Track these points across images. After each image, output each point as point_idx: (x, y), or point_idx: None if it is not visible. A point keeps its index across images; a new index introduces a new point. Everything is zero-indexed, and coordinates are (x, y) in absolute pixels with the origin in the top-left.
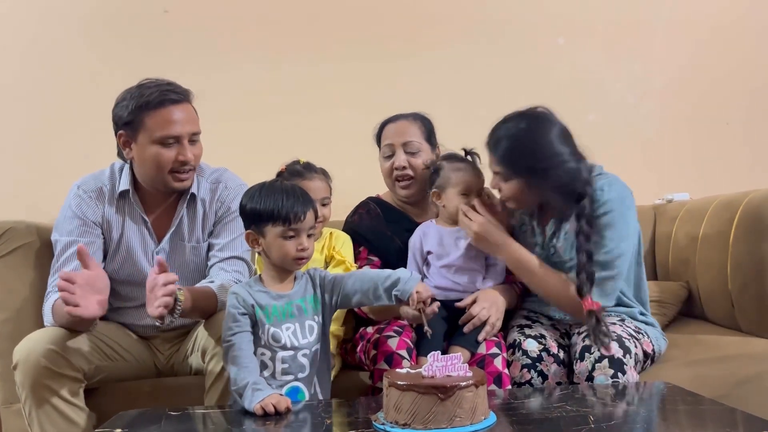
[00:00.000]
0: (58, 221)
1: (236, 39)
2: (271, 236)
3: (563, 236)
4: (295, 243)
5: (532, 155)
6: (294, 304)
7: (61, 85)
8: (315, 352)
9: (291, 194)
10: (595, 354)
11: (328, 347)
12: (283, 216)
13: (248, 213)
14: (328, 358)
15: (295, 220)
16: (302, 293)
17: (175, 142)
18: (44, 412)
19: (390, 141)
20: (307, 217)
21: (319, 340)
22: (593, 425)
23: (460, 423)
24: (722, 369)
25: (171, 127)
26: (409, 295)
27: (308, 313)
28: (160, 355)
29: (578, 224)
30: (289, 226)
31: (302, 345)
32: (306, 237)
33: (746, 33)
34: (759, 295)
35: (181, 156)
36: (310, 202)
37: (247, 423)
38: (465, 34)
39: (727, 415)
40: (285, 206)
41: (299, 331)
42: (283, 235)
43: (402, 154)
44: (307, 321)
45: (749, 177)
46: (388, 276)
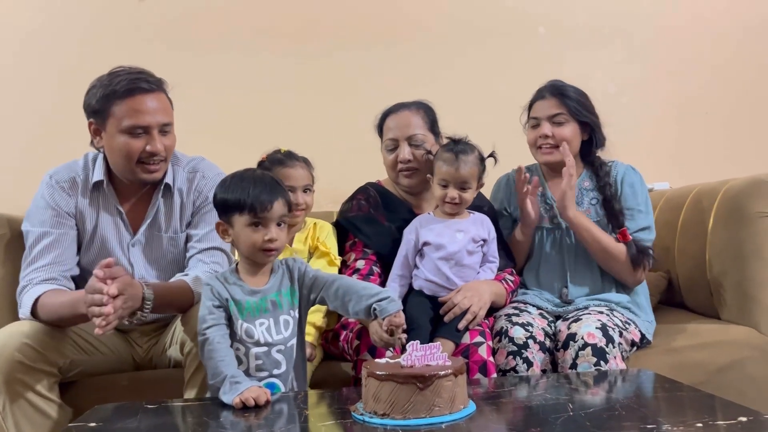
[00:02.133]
0: (30, 211)
1: (215, 28)
2: (238, 226)
3: (587, 202)
4: (262, 233)
5: (591, 107)
6: (268, 299)
7: (31, 75)
8: (291, 348)
9: (259, 183)
10: (579, 342)
11: (304, 341)
12: (249, 205)
13: (218, 203)
14: (303, 352)
15: (261, 209)
16: (278, 287)
17: (143, 132)
18: (18, 406)
19: (393, 135)
20: (274, 206)
21: (295, 335)
22: (572, 413)
23: (439, 412)
24: (701, 356)
25: (139, 117)
26: (386, 315)
27: (283, 307)
28: (138, 348)
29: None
30: (256, 215)
31: (276, 341)
32: (275, 227)
33: (726, 24)
34: (737, 282)
35: (150, 146)
36: (280, 192)
37: (225, 415)
38: (446, 26)
39: (706, 401)
40: (252, 195)
41: (273, 327)
42: (251, 224)
43: (407, 147)
44: (282, 316)
45: (728, 166)
46: (377, 293)
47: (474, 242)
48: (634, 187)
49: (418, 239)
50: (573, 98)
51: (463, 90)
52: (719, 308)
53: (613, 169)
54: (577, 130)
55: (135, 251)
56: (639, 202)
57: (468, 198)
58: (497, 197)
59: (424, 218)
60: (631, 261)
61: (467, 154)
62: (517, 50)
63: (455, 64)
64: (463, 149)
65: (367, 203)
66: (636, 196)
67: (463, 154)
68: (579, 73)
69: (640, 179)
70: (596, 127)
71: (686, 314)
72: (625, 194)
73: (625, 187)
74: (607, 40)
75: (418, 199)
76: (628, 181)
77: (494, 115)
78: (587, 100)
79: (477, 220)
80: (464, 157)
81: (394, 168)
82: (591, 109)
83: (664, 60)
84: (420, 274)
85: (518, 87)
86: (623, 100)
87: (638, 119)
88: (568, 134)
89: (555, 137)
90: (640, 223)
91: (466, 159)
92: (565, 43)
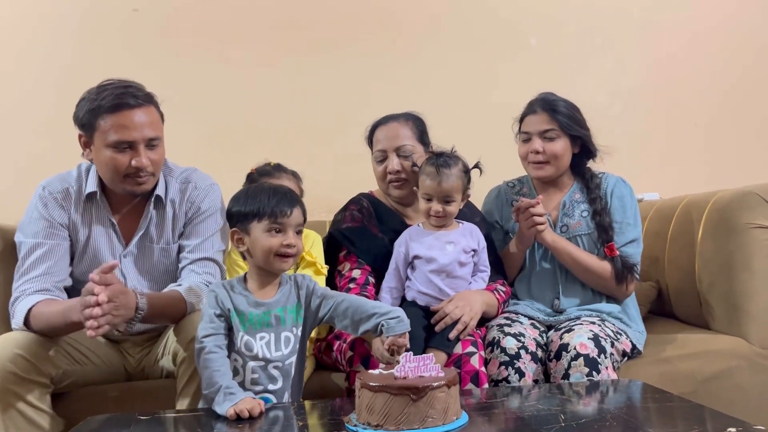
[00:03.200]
0: (23, 223)
1: (206, 38)
2: (256, 233)
3: (578, 214)
4: (280, 238)
5: (582, 120)
6: (273, 313)
7: (25, 85)
8: (289, 366)
9: (277, 193)
10: (571, 353)
11: (304, 358)
12: (268, 211)
13: (233, 214)
14: (302, 369)
15: (281, 214)
16: (284, 302)
17: (129, 147)
18: (10, 417)
19: (382, 146)
20: (294, 212)
21: (294, 352)
22: (563, 423)
23: (432, 423)
24: (690, 366)
25: (124, 132)
26: (392, 334)
27: (286, 323)
28: (131, 358)
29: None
30: (275, 221)
31: (274, 357)
32: (293, 233)
33: (716, 36)
34: (725, 293)
35: (135, 162)
36: (297, 201)
37: (218, 426)
38: (438, 34)
39: (695, 412)
40: (270, 202)
41: (273, 343)
42: (268, 230)
43: (395, 158)
44: (284, 332)
45: (716, 178)
46: (388, 312)
47: (465, 253)
48: (623, 200)
49: (408, 252)
50: (564, 113)
51: (455, 100)
52: (708, 318)
53: (604, 182)
54: (568, 144)
55: (127, 262)
56: (627, 215)
57: (452, 211)
58: (487, 210)
59: (414, 231)
60: (615, 276)
61: (450, 167)
62: (508, 61)
63: (448, 75)
64: (445, 162)
65: (360, 214)
66: (625, 209)
67: (445, 167)
68: (569, 84)
69: (630, 192)
70: (588, 140)
71: (675, 324)
72: (614, 207)
73: (614, 200)
74: (598, 51)
75: (409, 210)
76: (618, 194)
77: (485, 125)
78: (578, 114)
79: (466, 230)
80: (446, 171)
81: (383, 179)
82: (582, 123)
83: (654, 71)
84: (412, 286)
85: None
86: (613, 111)
87: (628, 130)
88: (558, 149)
89: (546, 152)
90: (628, 236)
91: (448, 173)
92: (557, 54)
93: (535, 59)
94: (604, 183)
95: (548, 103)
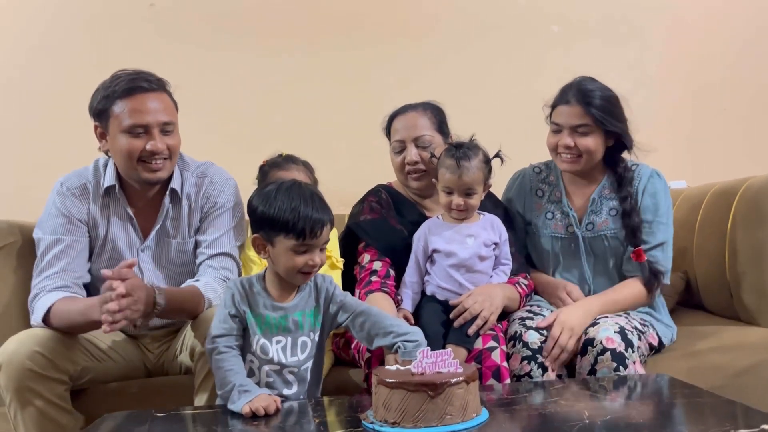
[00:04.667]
0: (42, 219)
1: (222, 31)
2: (281, 247)
3: (606, 212)
4: (305, 258)
5: (619, 113)
6: (290, 318)
7: (42, 81)
8: (305, 371)
9: (309, 204)
10: (597, 347)
11: (321, 362)
12: (298, 230)
13: (259, 217)
14: (318, 372)
15: (310, 234)
16: (303, 306)
17: (144, 131)
18: (29, 414)
19: (400, 137)
20: (323, 231)
21: (310, 357)
22: (587, 420)
23: (450, 421)
24: (720, 360)
25: (138, 116)
26: (408, 359)
27: (304, 328)
28: (150, 354)
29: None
30: (303, 241)
31: (290, 363)
32: (318, 252)
33: (743, 19)
34: (757, 283)
35: (150, 145)
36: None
37: (233, 423)
38: (458, 22)
39: (727, 408)
40: (302, 218)
41: (290, 348)
42: (295, 249)
43: (413, 148)
44: (301, 337)
45: (746, 164)
46: (406, 333)
47: (485, 246)
48: (656, 196)
49: (427, 246)
50: (600, 106)
51: (475, 88)
52: (739, 310)
53: (636, 177)
54: (601, 139)
55: (144, 256)
56: (660, 213)
57: (474, 203)
58: (509, 197)
59: (433, 223)
60: (644, 284)
61: (470, 159)
62: (530, 48)
63: (467, 63)
64: (464, 154)
65: (378, 205)
66: (657, 207)
67: (465, 159)
68: (593, 71)
69: (664, 187)
70: (624, 134)
71: (705, 316)
72: (645, 205)
73: (646, 197)
74: (622, 37)
75: (428, 201)
76: (650, 191)
77: (507, 113)
78: (616, 106)
79: (487, 222)
80: (466, 163)
81: (402, 170)
82: (619, 116)
83: (679, 56)
84: (432, 280)
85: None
86: (638, 98)
87: (654, 117)
88: (591, 145)
89: (577, 147)
90: (658, 237)
91: (468, 165)
92: (580, 41)
93: (556, 46)
94: (636, 178)
95: (584, 94)
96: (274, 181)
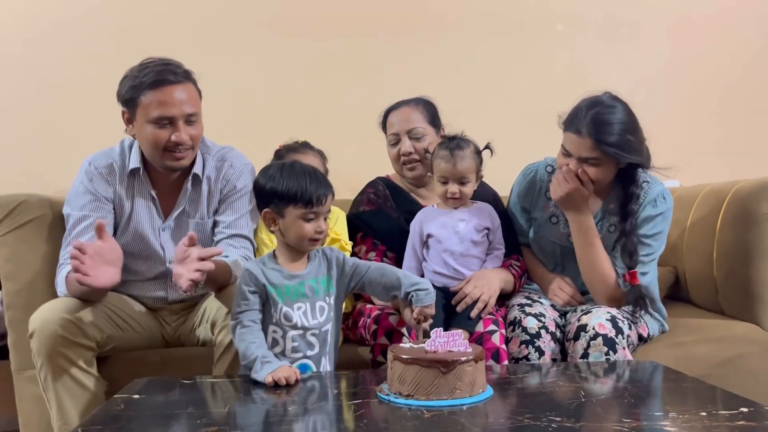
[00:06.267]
0: (70, 196)
1: (237, 19)
2: (290, 217)
3: (605, 228)
4: (314, 225)
5: (636, 141)
6: (306, 284)
7: (72, 60)
8: (325, 332)
9: (313, 177)
10: (590, 332)
11: (339, 325)
12: (306, 198)
13: (267, 192)
14: (337, 335)
15: (317, 202)
16: (315, 273)
17: (169, 122)
18: (59, 378)
19: (395, 130)
20: (327, 200)
21: (329, 320)
22: (584, 399)
23: (460, 395)
24: (705, 350)
25: (165, 108)
26: (420, 305)
27: (319, 294)
28: (167, 326)
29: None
30: (311, 209)
31: (312, 325)
32: (323, 220)
33: (741, 24)
34: (742, 281)
35: (175, 136)
36: (330, 186)
37: (257, 391)
38: (465, 17)
39: (708, 392)
40: (309, 189)
41: (309, 312)
42: (304, 217)
43: (407, 140)
44: (318, 302)
45: (737, 166)
46: (417, 283)
47: (477, 231)
48: (652, 221)
49: (422, 231)
50: (614, 143)
51: (479, 84)
52: (724, 304)
53: (643, 196)
54: (612, 168)
55: (165, 235)
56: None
57: (468, 192)
58: (518, 192)
59: (428, 211)
60: (627, 301)
61: (463, 149)
62: (534, 46)
63: (473, 58)
64: (458, 145)
65: (376, 196)
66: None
67: (458, 149)
68: (594, 70)
69: (666, 211)
70: (640, 164)
71: (692, 309)
72: (643, 227)
73: (641, 223)
74: (623, 39)
75: (423, 191)
76: (646, 214)
77: (513, 107)
78: (633, 134)
79: (480, 209)
80: (460, 153)
81: (397, 161)
82: (636, 145)
83: (678, 60)
84: (428, 266)
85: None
86: (638, 98)
87: (651, 117)
88: (600, 175)
89: (585, 173)
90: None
91: (462, 154)
92: (582, 40)
93: (560, 45)
94: (643, 196)
95: (597, 127)
96: (275, 163)
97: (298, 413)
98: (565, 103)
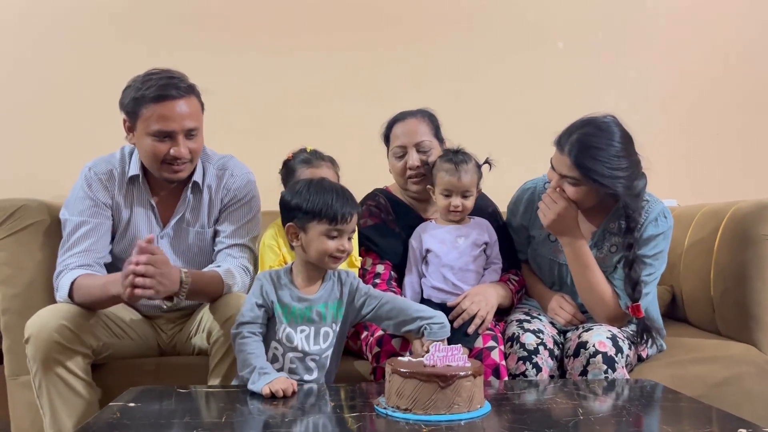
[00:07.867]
0: (69, 201)
1: (240, 28)
2: (314, 233)
3: (606, 248)
4: (336, 243)
5: (622, 167)
6: (315, 309)
7: (73, 65)
8: (325, 358)
9: (341, 195)
10: (590, 350)
11: (341, 351)
12: (330, 215)
13: (293, 207)
14: (337, 360)
15: (341, 220)
16: (326, 298)
17: (168, 136)
18: (54, 385)
19: (401, 142)
20: (352, 219)
21: (332, 346)
22: (581, 417)
23: (458, 410)
24: (701, 370)
25: (165, 123)
26: (433, 339)
27: (327, 319)
28: (163, 334)
29: (630, 249)
30: (335, 226)
31: (313, 351)
32: (347, 240)
33: (739, 46)
34: (739, 301)
35: (174, 151)
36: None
37: (253, 402)
38: (466, 34)
39: (705, 412)
40: (334, 206)
41: (312, 337)
42: (327, 234)
43: (415, 153)
44: (323, 327)
45: (736, 187)
46: (431, 317)
47: (476, 246)
48: (651, 242)
49: (421, 247)
50: (592, 168)
51: (481, 100)
52: (720, 324)
53: (644, 215)
54: (592, 190)
55: (164, 243)
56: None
57: (469, 205)
58: (514, 209)
59: (427, 226)
60: (639, 335)
61: (467, 163)
62: (535, 64)
63: (474, 75)
64: (462, 159)
65: (377, 209)
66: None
67: (463, 163)
68: (593, 88)
69: (668, 229)
70: (624, 194)
71: (688, 328)
72: (645, 247)
73: (647, 242)
74: (623, 58)
75: (425, 205)
76: (652, 233)
77: (510, 125)
78: (619, 162)
79: (478, 224)
80: (464, 167)
81: (402, 174)
82: (619, 174)
83: (676, 79)
84: (427, 282)
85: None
86: (636, 117)
87: (650, 136)
88: (578, 196)
89: (563, 192)
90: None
91: (466, 168)
92: (581, 58)
93: (561, 62)
94: (644, 216)
95: (580, 150)
96: (303, 179)
97: (294, 425)
98: (564, 120)
